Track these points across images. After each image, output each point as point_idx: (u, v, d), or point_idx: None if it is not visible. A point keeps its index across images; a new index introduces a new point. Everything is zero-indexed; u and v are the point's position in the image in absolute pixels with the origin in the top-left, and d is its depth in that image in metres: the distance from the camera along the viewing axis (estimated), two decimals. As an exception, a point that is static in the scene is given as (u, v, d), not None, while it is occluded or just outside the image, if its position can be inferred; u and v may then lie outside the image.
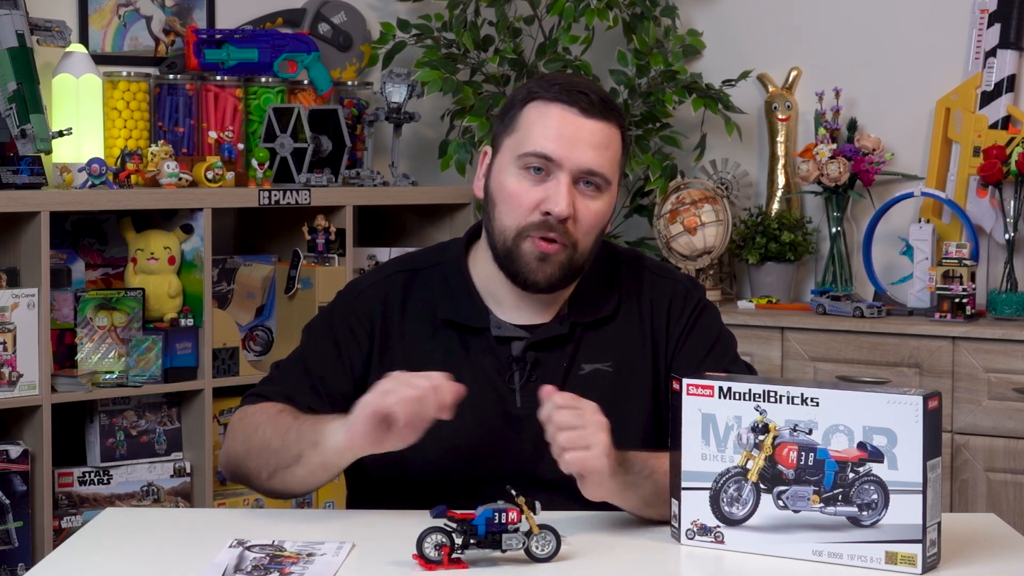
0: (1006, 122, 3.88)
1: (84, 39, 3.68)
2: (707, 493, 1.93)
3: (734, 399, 1.91)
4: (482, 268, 2.21)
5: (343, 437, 1.99)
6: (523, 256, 2.12)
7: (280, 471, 2.08)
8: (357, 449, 2.00)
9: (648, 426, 2.18)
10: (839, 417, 1.86)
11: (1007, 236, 3.82)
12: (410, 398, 1.93)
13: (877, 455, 1.84)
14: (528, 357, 2.17)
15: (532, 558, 1.87)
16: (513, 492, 1.88)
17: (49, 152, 3.30)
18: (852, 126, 4.08)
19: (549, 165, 2.10)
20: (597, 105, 2.12)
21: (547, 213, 2.10)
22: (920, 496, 1.82)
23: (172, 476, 3.54)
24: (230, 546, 1.93)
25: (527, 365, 2.17)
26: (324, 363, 2.21)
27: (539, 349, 2.18)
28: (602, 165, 2.11)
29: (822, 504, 1.87)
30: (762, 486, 1.90)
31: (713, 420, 1.93)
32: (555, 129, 2.11)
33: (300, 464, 2.05)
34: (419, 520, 2.01)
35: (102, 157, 3.50)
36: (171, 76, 3.75)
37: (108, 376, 3.43)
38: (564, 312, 2.20)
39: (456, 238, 2.31)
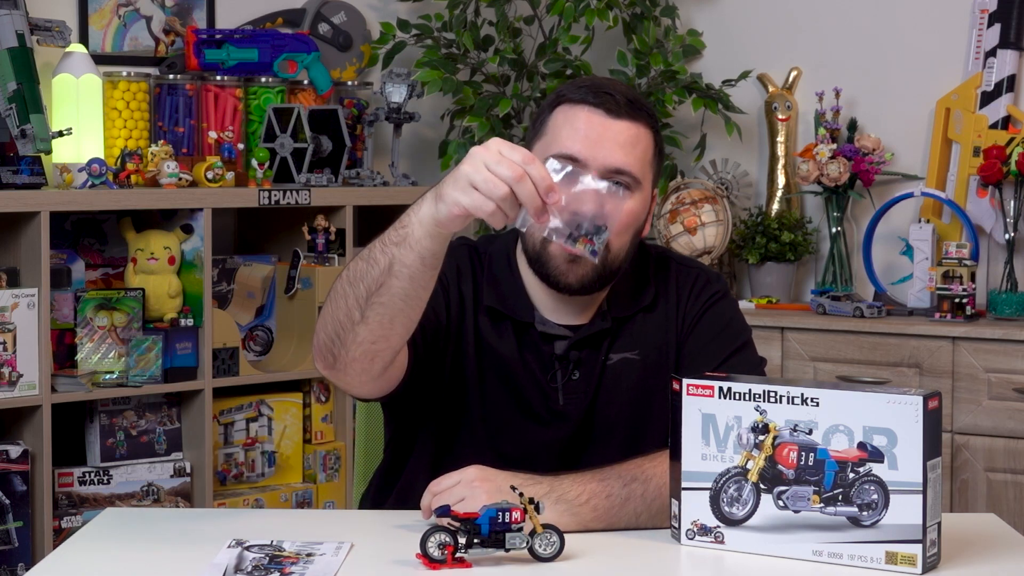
0: (1006, 122, 3.89)
1: (84, 39, 3.68)
2: (707, 493, 1.93)
3: (734, 399, 1.91)
4: (524, 269, 2.22)
5: (429, 215, 1.89)
6: (552, 259, 2.13)
7: (374, 296, 1.93)
8: (445, 223, 1.88)
9: None
10: (839, 417, 1.86)
11: (1007, 236, 3.82)
12: (500, 199, 1.82)
13: (877, 455, 1.84)
14: (572, 356, 2.19)
15: (536, 558, 1.87)
16: (518, 492, 1.89)
17: (49, 152, 3.30)
18: (852, 126, 4.08)
19: (576, 166, 2.10)
20: (624, 105, 2.12)
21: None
22: (920, 496, 1.82)
23: (172, 476, 3.54)
24: (228, 546, 1.93)
25: (570, 364, 2.19)
26: None
27: (581, 348, 2.19)
28: (630, 164, 2.11)
29: (822, 504, 1.87)
30: (762, 486, 1.90)
31: (713, 420, 1.93)
32: (582, 131, 2.11)
33: (393, 274, 1.91)
34: (418, 520, 2.01)
35: (102, 157, 3.50)
36: (171, 76, 3.75)
37: (108, 376, 3.43)
38: (604, 308, 2.21)
39: (499, 234, 2.30)
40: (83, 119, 3.52)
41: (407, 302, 1.94)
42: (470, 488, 1.98)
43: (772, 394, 1.89)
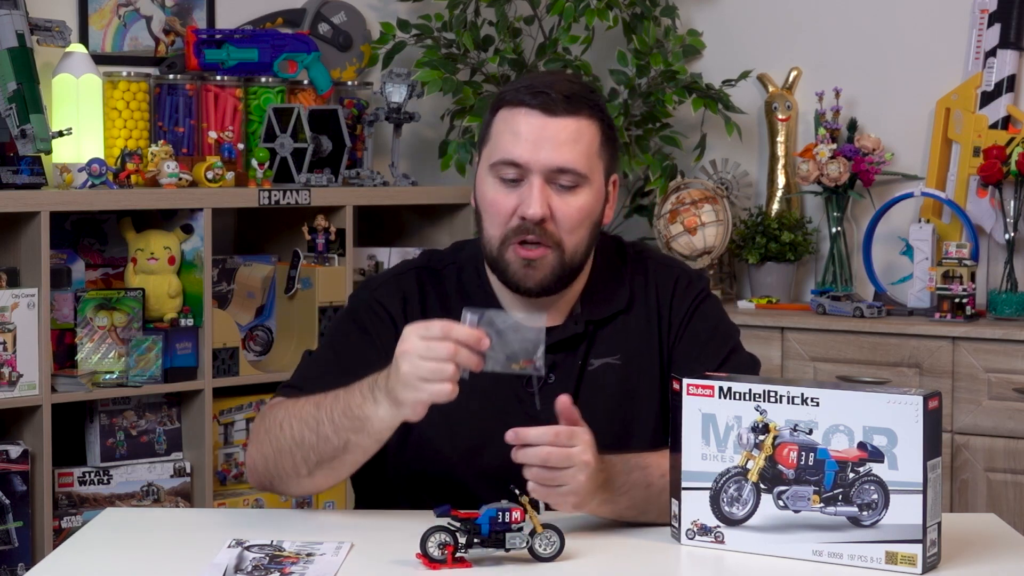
0: (1006, 122, 3.88)
1: (84, 39, 3.68)
2: (707, 493, 1.93)
3: (734, 399, 1.91)
4: (492, 275, 2.21)
5: (391, 416, 1.99)
6: (510, 265, 2.12)
7: (325, 463, 2.05)
8: (414, 419, 1.98)
9: (658, 417, 2.18)
10: (839, 417, 1.86)
11: (1007, 236, 3.82)
12: (450, 379, 1.92)
13: (877, 455, 1.84)
14: (546, 361, 2.17)
15: (536, 557, 1.87)
16: (517, 492, 1.89)
17: (49, 152, 3.30)
18: (852, 126, 4.08)
19: (520, 170, 2.10)
20: (561, 102, 2.10)
21: (523, 217, 2.10)
22: (920, 496, 1.82)
23: (172, 476, 3.54)
24: (228, 546, 1.93)
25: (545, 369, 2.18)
26: (358, 353, 2.16)
27: (555, 351, 2.17)
28: (572, 160, 2.10)
29: (822, 504, 1.87)
30: (762, 486, 1.90)
31: (713, 420, 1.93)
32: (521, 134, 2.10)
33: (348, 451, 2.04)
34: (417, 520, 2.01)
35: (102, 157, 3.50)
36: (171, 76, 3.75)
37: (108, 376, 3.43)
38: (577, 311, 2.20)
39: (471, 239, 2.30)
40: (83, 119, 3.52)
41: (356, 464, 2.07)
42: (583, 466, 1.96)
43: (772, 394, 1.89)
